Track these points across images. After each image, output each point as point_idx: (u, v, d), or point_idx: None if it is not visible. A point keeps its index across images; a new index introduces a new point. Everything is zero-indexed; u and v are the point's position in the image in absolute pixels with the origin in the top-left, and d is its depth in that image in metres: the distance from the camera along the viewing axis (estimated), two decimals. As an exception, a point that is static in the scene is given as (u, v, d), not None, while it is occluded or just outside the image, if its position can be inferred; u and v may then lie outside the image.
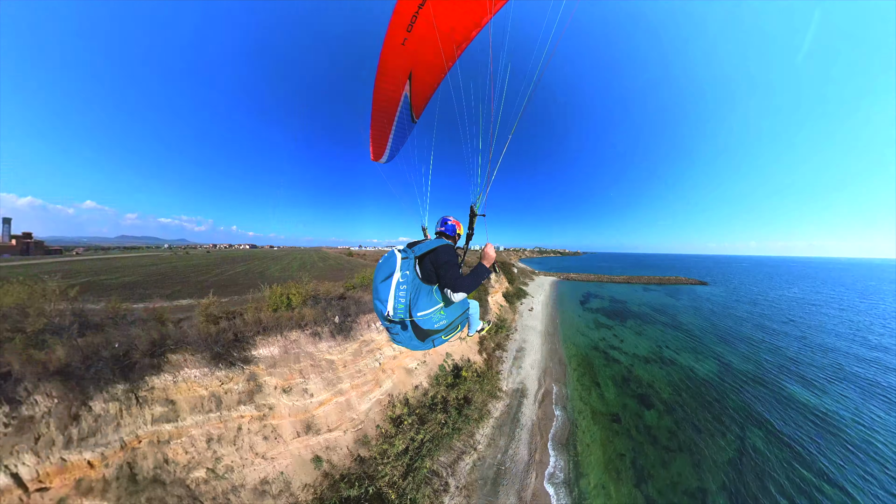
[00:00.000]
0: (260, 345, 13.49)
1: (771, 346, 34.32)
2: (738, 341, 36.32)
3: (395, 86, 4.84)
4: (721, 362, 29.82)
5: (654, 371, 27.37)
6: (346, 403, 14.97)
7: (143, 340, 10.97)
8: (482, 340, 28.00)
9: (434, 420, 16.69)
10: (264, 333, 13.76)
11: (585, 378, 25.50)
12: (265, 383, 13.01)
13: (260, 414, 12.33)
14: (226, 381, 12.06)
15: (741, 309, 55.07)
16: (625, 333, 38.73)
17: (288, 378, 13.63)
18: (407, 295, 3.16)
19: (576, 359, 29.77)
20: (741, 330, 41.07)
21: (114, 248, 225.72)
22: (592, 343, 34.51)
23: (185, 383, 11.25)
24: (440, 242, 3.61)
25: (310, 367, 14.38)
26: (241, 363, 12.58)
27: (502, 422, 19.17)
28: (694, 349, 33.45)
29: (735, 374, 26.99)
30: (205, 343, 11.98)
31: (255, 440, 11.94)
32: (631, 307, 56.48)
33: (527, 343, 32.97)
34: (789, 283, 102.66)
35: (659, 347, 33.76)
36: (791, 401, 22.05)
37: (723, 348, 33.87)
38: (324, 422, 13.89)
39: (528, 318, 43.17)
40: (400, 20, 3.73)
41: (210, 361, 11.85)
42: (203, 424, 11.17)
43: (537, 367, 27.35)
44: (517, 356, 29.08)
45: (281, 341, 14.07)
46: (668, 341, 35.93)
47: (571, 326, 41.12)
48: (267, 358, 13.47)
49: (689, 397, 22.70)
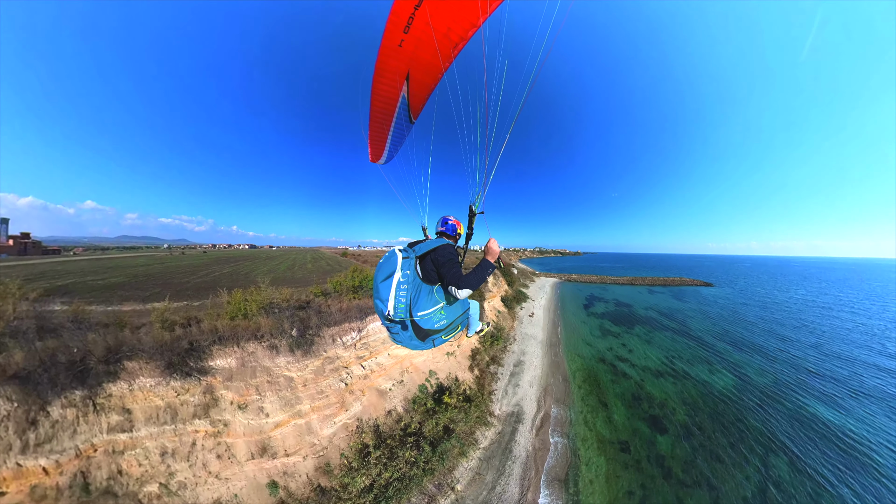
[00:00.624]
0: (217, 355, 12.78)
1: (787, 357, 32.48)
2: (752, 350, 34.41)
3: (393, 87, 4.82)
4: (737, 375, 27.90)
5: (667, 387, 25.17)
6: (307, 427, 13.75)
7: (99, 346, 10.82)
8: (474, 354, 25.57)
9: (403, 457, 14.28)
10: (221, 343, 13.03)
11: (591, 397, 23.08)
12: (222, 397, 12.35)
13: (215, 430, 11.79)
14: (182, 391, 11.65)
15: (751, 313, 53.09)
16: (633, 342, 36.31)
17: (244, 394, 12.79)
18: (408, 294, 3.19)
19: (581, 373, 27.20)
20: (754, 338, 38.97)
21: (112, 248, 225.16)
22: (599, 354, 32.00)
23: (142, 392, 11.02)
24: (441, 242, 3.62)
25: (266, 383, 13.32)
26: (197, 374, 12.06)
27: (491, 453, 16.82)
28: (707, 360, 31.48)
29: (752, 388, 25.06)
30: (159, 351, 11.62)
31: (208, 458, 11.38)
32: (637, 311, 54.01)
33: (526, 355, 30.15)
34: (795, 285, 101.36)
35: (670, 358, 31.44)
36: (813, 422, 20.08)
37: (737, 358, 32.03)
38: (281, 445, 12.85)
39: (528, 325, 40.42)
40: (397, 21, 3.77)
41: (165, 370, 11.47)
42: (158, 437, 10.90)
43: (537, 384, 24.72)
44: (514, 372, 26.48)
45: (238, 353, 13.25)
46: (680, 351, 33.75)
47: (575, 334, 38.64)
48: (224, 370, 12.72)
49: (706, 419, 20.64)
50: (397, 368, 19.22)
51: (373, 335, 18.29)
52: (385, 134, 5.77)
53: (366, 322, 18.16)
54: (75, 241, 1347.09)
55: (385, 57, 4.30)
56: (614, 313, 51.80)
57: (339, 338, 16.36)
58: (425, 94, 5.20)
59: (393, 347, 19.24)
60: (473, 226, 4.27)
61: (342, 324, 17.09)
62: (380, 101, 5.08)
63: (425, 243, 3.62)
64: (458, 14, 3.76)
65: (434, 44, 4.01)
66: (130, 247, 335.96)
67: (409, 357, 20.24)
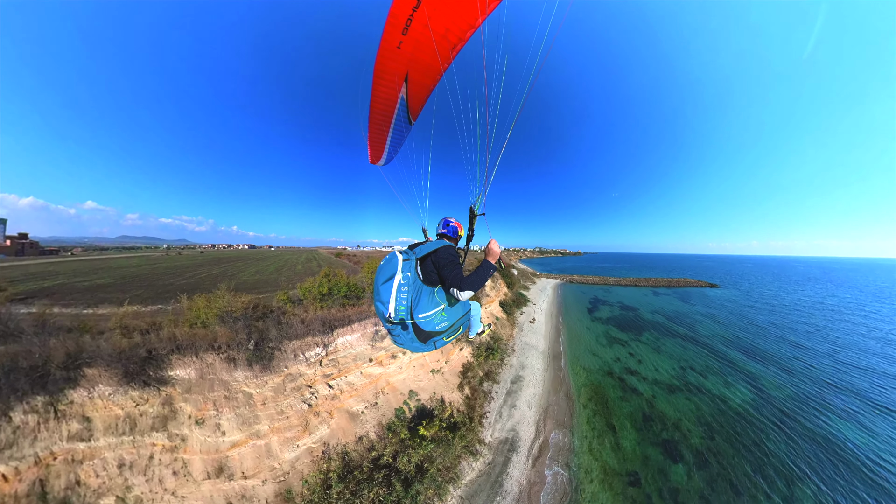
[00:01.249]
0: (176, 365, 12.30)
1: (802, 366, 30.69)
2: (765, 359, 32.45)
3: (392, 88, 4.86)
4: (753, 387, 26.03)
5: (681, 404, 23.17)
6: (266, 449, 12.79)
7: (59, 351, 10.75)
8: (466, 370, 23.17)
9: (369, 497, 12.23)
10: (180, 353, 12.46)
11: (597, 419, 20.78)
12: (180, 410, 11.90)
13: (172, 444, 11.40)
14: (141, 401, 11.43)
15: (760, 318, 51.17)
16: (642, 351, 34.00)
17: (202, 408, 12.20)
18: (409, 296, 3.19)
19: (586, 390, 24.74)
20: (766, 345, 36.98)
21: (111, 249, 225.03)
22: (606, 366, 29.62)
23: (101, 400, 10.89)
24: (441, 244, 3.63)
25: (224, 398, 12.60)
26: (157, 383, 11.74)
27: (478, 487, 14.68)
28: (720, 370, 29.52)
29: (770, 404, 23.11)
30: (117, 358, 11.36)
31: (165, 473, 11.02)
32: (644, 315, 51.67)
33: (526, 370, 27.38)
34: (800, 286, 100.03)
35: (683, 369, 29.31)
36: (837, 447, 18.24)
37: (751, 368, 30.13)
38: (238, 466, 12.07)
39: (528, 333, 37.82)
40: (395, 23, 3.79)
41: (122, 379, 11.22)
42: (116, 447, 10.71)
43: (536, 405, 22.13)
44: (512, 390, 23.84)
45: (197, 364, 12.61)
46: (691, 360, 31.66)
47: (580, 343, 36.17)
48: (184, 381, 12.25)
49: (724, 441, 18.76)
50: (371, 389, 17.22)
51: (342, 351, 16.51)
52: (384, 135, 5.75)
53: (333, 336, 16.35)
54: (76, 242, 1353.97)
55: (383, 58, 4.31)
56: (620, 318, 49.45)
57: (302, 353, 14.90)
58: (424, 95, 5.20)
59: (366, 365, 17.46)
60: (474, 227, 4.30)
61: (304, 337, 15.39)
62: (379, 103, 5.06)
63: (426, 245, 3.62)
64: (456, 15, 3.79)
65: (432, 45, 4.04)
66: (130, 247, 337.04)
67: (385, 376, 18.17)
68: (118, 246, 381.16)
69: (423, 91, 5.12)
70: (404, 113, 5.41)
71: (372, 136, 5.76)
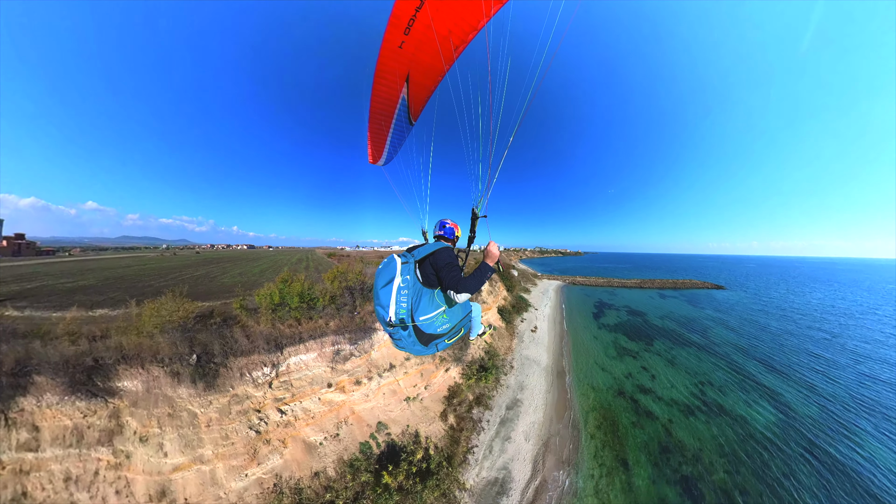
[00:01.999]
0: (124, 375, 11.72)
1: (824, 379, 28.60)
2: (785, 372, 30.16)
3: (393, 88, 4.87)
4: (778, 405, 23.77)
5: (700, 428, 20.66)
6: (211, 476, 11.69)
7: (9, 357, 10.63)
8: (452, 395, 20.19)
9: None
10: (126, 363, 11.84)
11: (607, 452, 18.03)
12: (126, 424, 11.36)
13: (116, 461, 10.92)
14: (88, 413, 11.07)
15: (773, 324, 48.81)
16: (655, 363, 31.21)
17: (146, 424, 11.55)
18: (409, 299, 3.16)
19: (595, 416, 21.76)
20: (784, 356, 34.53)
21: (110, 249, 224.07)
22: (617, 384, 26.69)
23: (49, 409, 10.69)
24: (439, 245, 3.64)
25: (167, 416, 11.74)
26: (104, 394, 11.31)
27: None
28: (741, 384, 27.15)
29: (797, 427, 20.85)
30: (64, 366, 11.05)
31: (108, 491, 10.53)
32: (653, 321, 48.95)
33: (525, 391, 23.73)
34: (807, 288, 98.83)
35: (700, 385, 26.71)
36: (880, 493, 15.91)
37: (772, 382, 27.81)
38: (181, 491, 11.17)
39: (529, 344, 34.23)
40: (397, 23, 3.79)
41: (69, 388, 10.88)
42: (63, 460, 10.43)
43: (535, 436, 18.85)
44: (507, 418, 20.26)
45: (143, 376, 11.90)
46: (708, 373, 29.14)
47: (587, 355, 33.09)
48: (131, 393, 11.66)
49: (750, 476, 16.41)
50: (331, 418, 14.91)
51: (296, 372, 14.36)
52: (384, 135, 5.77)
53: (283, 355, 14.22)
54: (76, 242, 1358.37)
55: (385, 58, 4.33)
56: (629, 325, 46.56)
57: (249, 372, 13.41)
58: (425, 95, 5.23)
59: (324, 391, 15.27)
60: (476, 228, 4.24)
61: (251, 354, 13.42)
62: (379, 102, 5.09)
63: (424, 247, 3.62)
64: (459, 17, 3.77)
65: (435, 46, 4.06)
66: (130, 247, 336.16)
67: (350, 404, 15.75)
68: (117, 246, 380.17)
69: (425, 92, 5.10)
70: (405, 113, 5.38)
71: (372, 135, 5.74)
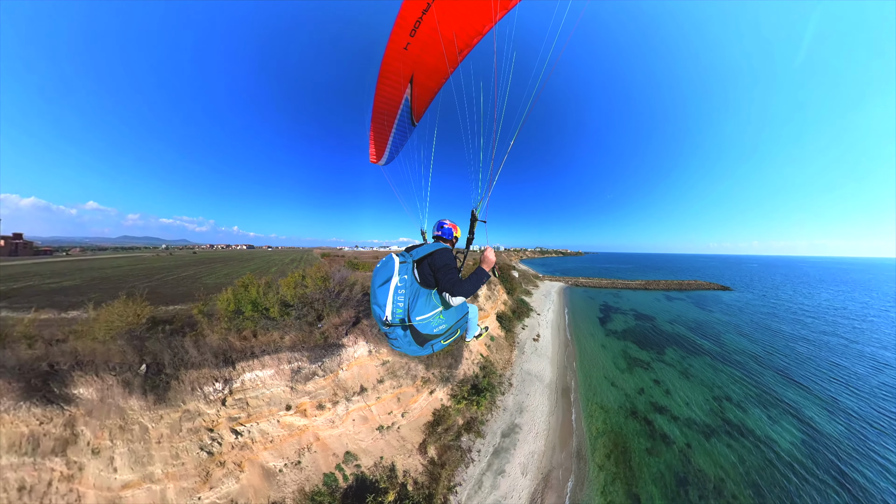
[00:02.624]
0: (79, 382, 11.26)
1: (846, 391, 26.41)
2: (805, 383, 28.14)
3: (396, 89, 4.92)
4: (801, 422, 21.87)
5: (722, 453, 18.43)
6: (161, 497, 11.02)
7: None
8: (437, 420, 17.45)
9: None
10: (81, 369, 11.39)
11: (617, 487, 15.67)
12: (81, 434, 10.92)
13: (69, 472, 10.49)
14: (45, 419, 10.65)
15: (785, 328, 46.61)
16: (668, 376, 28.72)
17: (99, 436, 11.03)
18: (405, 299, 3.15)
19: (604, 442, 19.15)
20: (802, 366, 32.32)
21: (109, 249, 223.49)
22: (628, 401, 24.04)
23: (7, 414, 10.29)
24: (438, 246, 3.64)
25: (118, 428, 11.15)
26: (61, 401, 10.89)
27: None
28: (760, 398, 25.04)
29: (824, 449, 18.95)
30: (20, 371, 10.80)
31: None
32: (662, 326, 46.46)
33: (525, 414, 20.69)
34: (814, 288, 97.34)
35: (718, 400, 24.45)
36: None
37: (793, 395, 25.75)
38: None
39: (531, 355, 30.91)
40: (404, 24, 3.80)
41: (25, 393, 10.48)
42: (18, 468, 10.10)
43: (534, 469, 16.34)
44: (502, 447, 17.47)
45: (98, 384, 11.37)
46: (725, 386, 26.92)
47: (595, 367, 30.34)
48: (87, 401, 11.17)
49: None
50: (293, 443, 13.26)
51: (252, 390, 12.66)
52: (386, 135, 5.82)
53: (236, 370, 12.54)
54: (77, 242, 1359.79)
55: (390, 59, 4.35)
56: (637, 331, 43.92)
57: (200, 387, 12.16)
58: (428, 97, 5.28)
59: (282, 413, 13.52)
60: (475, 230, 4.20)
61: (202, 368, 12.30)
62: (383, 103, 5.12)
63: (423, 247, 3.61)
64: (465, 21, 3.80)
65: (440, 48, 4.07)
66: (130, 247, 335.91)
67: (313, 429, 13.89)
68: (116, 246, 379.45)
69: (428, 93, 5.17)
70: (408, 114, 5.41)
71: (374, 134, 5.79)
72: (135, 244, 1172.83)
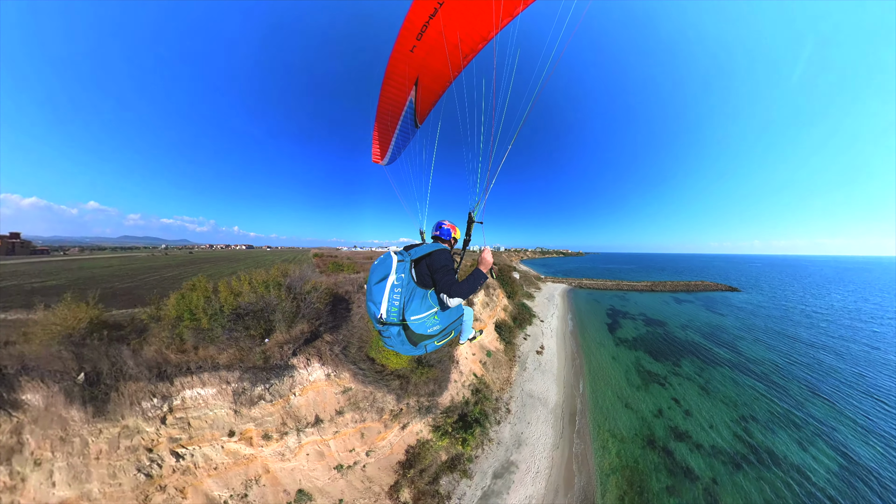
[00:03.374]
0: (27, 388, 10.43)
1: (878, 409, 24.06)
2: (833, 397, 25.85)
3: (402, 91, 5.00)
4: (835, 446, 19.39)
5: (751, 489, 15.97)
6: None
7: None
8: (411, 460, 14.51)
9: None
10: (27, 374, 10.48)
11: None
12: (27, 443, 10.14)
13: (11, 483, 9.86)
14: None
15: (802, 333, 44.12)
16: (687, 392, 25.87)
17: (41, 446, 10.20)
18: (401, 298, 3.15)
19: (616, 480, 16.33)
20: (826, 376, 29.94)
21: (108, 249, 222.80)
22: (645, 426, 20.93)
23: None
24: (436, 247, 3.65)
25: (59, 440, 10.21)
26: (9, 407, 10.22)
27: None
28: (788, 417, 22.63)
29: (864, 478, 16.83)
30: None
31: None
32: (675, 332, 43.54)
33: (523, 448, 17.53)
34: (823, 289, 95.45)
35: (743, 422, 21.87)
36: None
37: (821, 412, 23.57)
38: None
39: (533, 371, 27.23)
40: (411, 28, 3.90)
41: None
42: None
43: None
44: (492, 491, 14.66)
45: (44, 390, 10.43)
46: (750, 403, 24.47)
47: (606, 384, 26.98)
48: (34, 408, 10.35)
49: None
50: (238, 474, 11.48)
51: (193, 409, 11.29)
52: (390, 136, 5.88)
53: (176, 386, 11.23)
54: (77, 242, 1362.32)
55: (396, 61, 4.43)
56: (649, 338, 40.79)
57: (139, 402, 11.04)
58: (432, 100, 5.33)
59: (225, 439, 11.75)
60: (472, 232, 4.29)
61: (139, 380, 11.12)
62: (387, 104, 5.20)
63: (421, 247, 3.62)
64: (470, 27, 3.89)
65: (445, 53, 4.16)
66: (129, 247, 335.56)
67: (262, 460, 11.92)
68: (115, 246, 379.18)
69: (432, 96, 5.21)
70: (411, 116, 5.46)
71: (378, 135, 5.88)
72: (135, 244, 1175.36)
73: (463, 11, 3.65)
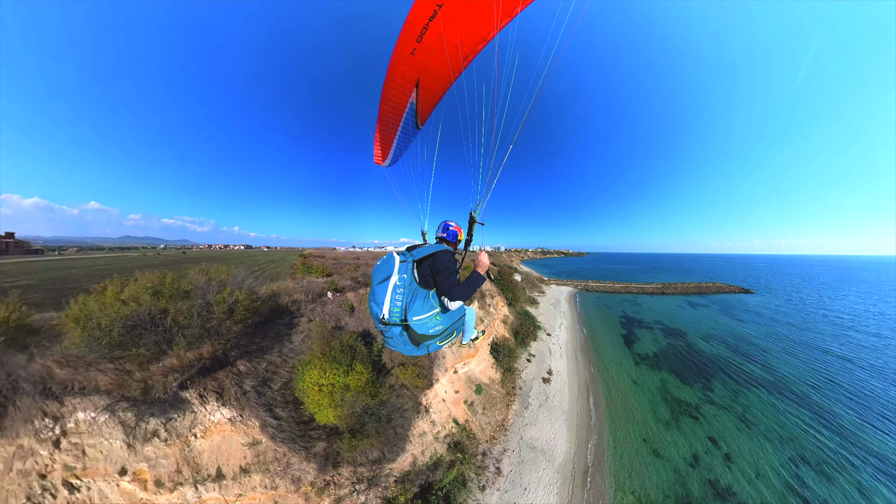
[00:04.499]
0: None
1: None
2: (884, 426, 22.33)
3: (403, 93, 4.99)
4: None
5: None
6: None
7: None
8: None
9: None
10: None
11: None
12: None
13: None
14: None
15: (835, 347, 40.07)
16: (724, 428, 21.32)
17: None
18: (403, 298, 3.13)
19: None
20: (872, 399, 26.14)
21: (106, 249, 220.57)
22: (679, 484, 16.45)
23: None
24: (439, 248, 3.62)
25: None
26: None
27: None
28: (840, 454, 19.24)
29: None
30: None
31: None
32: (698, 345, 39.04)
33: None
34: (837, 290, 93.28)
35: (793, 466, 18.10)
36: None
37: (878, 444, 20.24)
38: None
39: (537, 407, 21.74)
40: (411, 30, 3.91)
41: None
42: None
43: None
44: None
45: None
46: (799, 438, 20.75)
47: (628, 421, 21.91)
48: None
49: None
50: None
51: (88, 435, 9.05)
52: (391, 137, 5.87)
53: (68, 406, 9.00)
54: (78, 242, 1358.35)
55: (397, 63, 4.43)
56: (672, 354, 35.67)
57: (32, 419, 8.85)
58: (434, 102, 5.35)
59: (117, 476, 9.30)
60: (473, 232, 4.27)
61: (31, 395, 9.07)
62: (389, 105, 5.20)
63: (424, 248, 3.58)
64: (470, 28, 3.90)
65: (445, 54, 4.17)
66: (128, 247, 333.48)
67: None
68: (114, 246, 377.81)
69: (433, 98, 5.22)
70: (413, 117, 5.48)
71: (379, 136, 5.90)
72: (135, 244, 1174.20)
73: (462, 12, 3.69)
